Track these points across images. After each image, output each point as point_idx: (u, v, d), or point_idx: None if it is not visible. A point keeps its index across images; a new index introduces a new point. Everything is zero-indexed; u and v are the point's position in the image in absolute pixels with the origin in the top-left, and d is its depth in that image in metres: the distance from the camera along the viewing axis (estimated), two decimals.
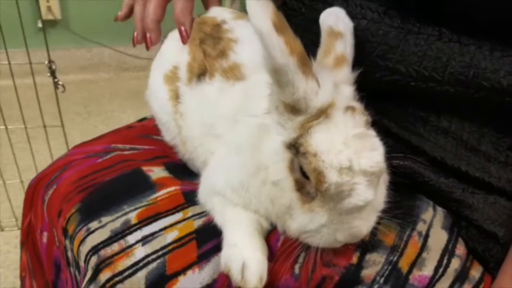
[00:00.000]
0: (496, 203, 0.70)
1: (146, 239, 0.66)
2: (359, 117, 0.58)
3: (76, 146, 0.91)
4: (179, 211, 0.70)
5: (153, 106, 0.84)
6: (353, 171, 0.55)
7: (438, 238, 0.69)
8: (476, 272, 0.69)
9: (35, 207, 0.87)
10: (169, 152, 0.86)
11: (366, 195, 0.55)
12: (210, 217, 0.69)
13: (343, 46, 0.65)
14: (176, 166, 0.82)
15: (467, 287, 0.67)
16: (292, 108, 0.57)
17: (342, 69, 0.63)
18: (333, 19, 0.67)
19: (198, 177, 0.74)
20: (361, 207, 0.56)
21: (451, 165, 0.70)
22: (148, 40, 0.81)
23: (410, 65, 0.70)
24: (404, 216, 0.66)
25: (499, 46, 0.67)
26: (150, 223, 0.68)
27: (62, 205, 0.77)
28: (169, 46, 0.84)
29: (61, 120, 1.64)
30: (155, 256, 0.65)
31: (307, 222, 0.59)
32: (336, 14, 0.68)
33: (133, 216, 0.70)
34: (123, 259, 0.65)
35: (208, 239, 0.66)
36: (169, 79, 0.80)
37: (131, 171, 0.79)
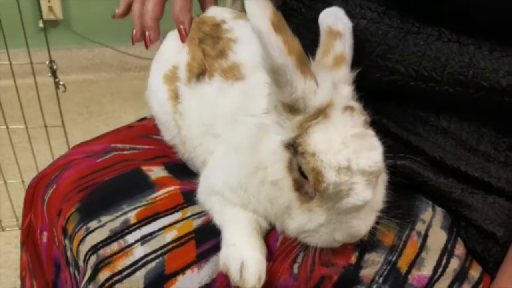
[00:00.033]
0: (495, 203, 0.70)
1: (145, 239, 0.66)
2: (358, 117, 0.58)
3: (76, 146, 0.91)
4: (178, 211, 0.70)
5: (153, 106, 0.84)
6: (352, 171, 0.55)
7: (437, 238, 0.69)
8: (475, 272, 0.69)
9: (35, 207, 0.87)
10: (169, 152, 0.86)
11: (365, 195, 0.55)
12: (209, 217, 0.69)
13: (342, 46, 0.65)
14: (176, 166, 0.82)
15: (466, 287, 0.67)
16: (291, 108, 0.57)
17: (341, 69, 0.64)
18: (332, 19, 0.67)
19: (198, 177, 0.74)
20: (360, 207, 0.57)
21: (450, 165, 0.70)
22: (147, 38, 0.81)
23: (410, 65, 0.70)
24: (403, 216, 0.66)
25: (499, 46, 0.67)
26: (149, 223, 0.68)
27: (62, 205, 0.77)
28: (169, 46, 0.84)
29: (62, 120, 1.64)
30: (154, 256, 0.65)
31: (306, 222, 0.59)
32: (335, 14, 0.68)
33: (132, 216, 0.70)
34: (122, 259, 0.65)
35: (207, 239, 0.66)
36: (169, 79, 0.80)
37: (131, 171, 0.79)
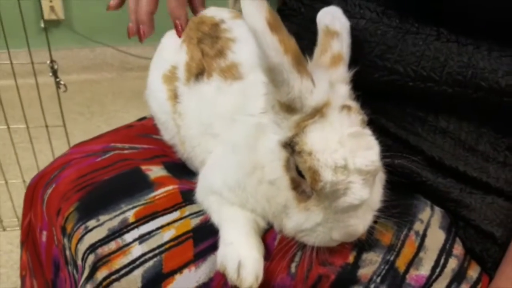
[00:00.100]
0: (494, 203, 0.70)
1: (143, 238, 0.67)
2: (355, 116, 0.58)
3: (76, 145, 0.91)
4: (177, 210, 0.70)
5: (152, 106, 0.85)
6: (348, 170, 0.55)
7: (436, 238, 0.69)
8: (474, 272, 0.69)
9: (35, 206, 0.87)
10: (168, 152, 0.86)
11: (362, 194, 0.55)
12: (207, 216, 0.69)
13: (340, 45, 0.65)
14: (175, 165, 0.82)
15: (465, 287, 0.67)
16: (288, 107, 0.57)
17: (338, 68, 0.64)
18: (329, 18, 0.67)
19: (197, 176, 0.74)
20: (357, 206, 0.57)
21: (449, 165, 0.70)
22: (141, 33, 0.81)
23: (408, 65, 0.70)
24: (401, 216, 0.66)
25: (497, 46, 0.67)
26: (148, 222, 0.68)
27: (61, 204, 0.77)
28: (168, 46, 0.84)
29: (63, 120, 1.64)
30: (152, 255, 0.65)
31: (303, 221, 0.59)
32: (332, 13, 0.68)
33: (131, 215, 0.70)
34: (120, 258, 0.65)
35: (205, 238, 0.66)
36: (168, 79, 0.80)
37: (130, 170, 0.79)
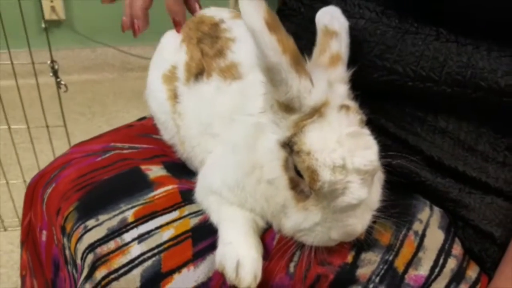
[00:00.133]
0: (493, 203, 0.70)
1: (142, 237, 0.67)
2: (353, 116, 0.58)
3: (76, 145, 0.91)
4: (176, 210, 0.70)
5: (152, 106, 0.85)
6: (347, 170, 0.55)
7: (435, 238, 0.69)
8: (473, 272, 0.69)
9: (35, 206, 0.87)
10: (168, 151, 0.86)
11: (360, 194, 0.56)
12: (206, 216, 0.69)
13: (338, 45, 0.65)
14: (175, 165, 0.82)
15: (464, 287, 0.67)
16: (286, 107, 0.57)
17: (337, 68, 0.64)
18: (328, 18, 0.67)
19: (196, 176, 0.74)
20: (355, 206, 0.57)
21: (448, 165, 0.70)
22: (136, 27, 0.80)
23: (408, 65, 0.70)
24: (400, 215, 0.66)
25: (497, 46, 0.67)
26: (147, 221, 0.69)
27: (61, 203, 0.77)
28: (167, 46, 0.84)
29: (64, 120, 1.64)
30: (151, 254, 0.65)
31: (301, 221, 0.59)
32: (331, 13, 0.68)
33: (130, 215, 0.70)
34: (119, 257, 0.65)
35: (204, 238, 0.66)
36: (168, 79, 0.81)
37: (129, 170, 0.79)
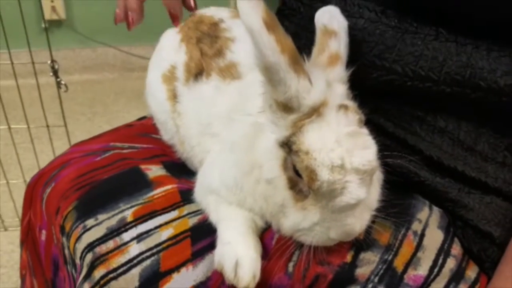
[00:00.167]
0: (492, 203, 0.70)
1: (141, 237, 0.67)
2: (352, 116, 0.58)
3: (75, 145, 0.91)
4: (175, 209, 0.70)
5: (151, 105, 0.85)
6: (345, 169, 0.55)
7: (434, 238, 0.69)
8: (472, 272, 0.69)
9: (34, 205, 0.87)
10: (168, 151, 0.86)
11: (358, 193, 0.56)
12: (206, 215, 0.69)
13: (337, 45, 0.65)
14: (174, 165, 0.82)
15: (463, 287, 0.67)
16: (285, 107, 0.57)
17: (336, 68, 0.64)
18: (327, 18, 0.67)
19: (196, 176, 0.74)
20: (354, 205, 0.57)
21: (447, 165, 0.70)
22: (130, 20, 0.79)
23: (407, 65, 0.70)
24: (399, 215, 0.66)
25: (496, 46, 0.67)
26: (146, 221, 0.69)
27: (60, 203, 0.77)
28: (167, 45, 0.85)
29: (64, 120, 1.64)
30: (150, 254, 0.65)
31: (300, 220, 0.59)
32: (330, 12, 0.68)
33: (129, 214, 0.70)
34: (118, 256, 0.65)
35: (203, 237, 0.66)
36: (167, 79, 0.81)
37: (129, 170, 0.79)
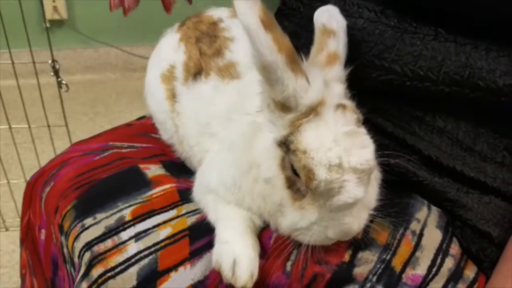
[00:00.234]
0: (491, 203, 0.70)
1: (139, 236, 0.67)
2: (350, 115, 0.58)
3: (75, 144, 0.91)
4: (173, 209, 0.71)
5: (150, 105, 0.85)
6: (343, 169, 0.55)
7: (432, 237, 0.68)
8: (471, 272, 0.68)
9: (34, 204, 0.88)
10: (167, 150, 0.86)
11: (356, 193, 0.56)
12: (204, 215, 0.69)
13: (336, 44, 0.65)
14: (173, 164, 0.83)
15: (461, 287, 0.66)
16: (282, 106, 0.57)
17: (334, 67, 0.64)
18: (326, 17, 0.67)
19: (195, 175, 0.74)
20: (351, 204, 0.57)
21: (446, 165, 0.70)
22: (126, 6, 0.79)
23: (406, 65, 0.69)
24: (398, 215, 0.66)
25: (495, 46, 0.67)
26: (144, 220, 0.69)
27: (59, 202, 0.77)
28: (166, 45, 0.85)
29: (65, 120, 1.64)
30: (147, 252, 0.65)
31: (298, 220, 0.59)
32: (329, 12, 0.68)
33: (128, 213, 0.70)
34: (116, 255, 0.66)
35: (201, 236, 0.66)
36: (166, 79, 0.81)
37: (128, 169, 0.79)
